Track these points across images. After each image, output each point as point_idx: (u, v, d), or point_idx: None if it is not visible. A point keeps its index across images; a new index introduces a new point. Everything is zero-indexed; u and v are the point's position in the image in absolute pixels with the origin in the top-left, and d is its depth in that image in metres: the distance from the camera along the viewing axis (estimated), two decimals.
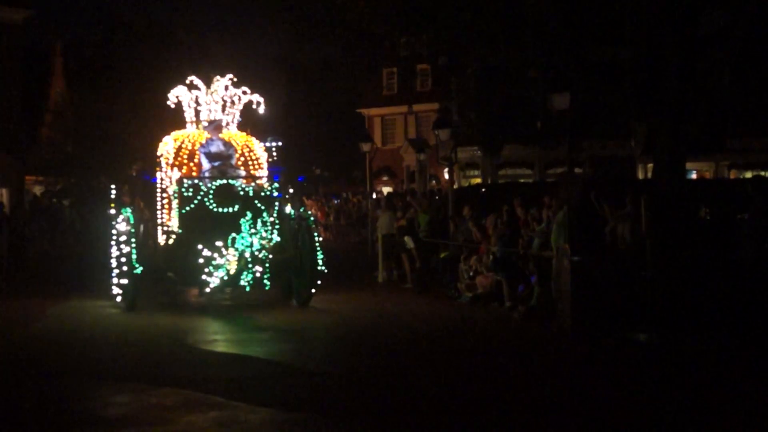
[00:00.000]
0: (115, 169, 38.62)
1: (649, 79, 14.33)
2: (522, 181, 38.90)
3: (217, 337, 13.12)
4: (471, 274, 16.38)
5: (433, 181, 45.66)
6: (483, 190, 28.90)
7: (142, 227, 16.32)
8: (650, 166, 25.63)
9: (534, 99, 33.55)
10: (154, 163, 16.89)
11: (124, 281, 15.04)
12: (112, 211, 15.51)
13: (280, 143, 17.99)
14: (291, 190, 17.77)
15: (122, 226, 15.10)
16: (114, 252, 15.17)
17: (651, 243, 12.45)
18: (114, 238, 15.14)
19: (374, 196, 29.34)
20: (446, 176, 30.45)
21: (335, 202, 39.77)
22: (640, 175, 37.13)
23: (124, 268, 14.98)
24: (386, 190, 43.68)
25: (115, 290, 15.23)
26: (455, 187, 27.17)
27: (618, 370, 10.61)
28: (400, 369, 10.61)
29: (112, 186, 17.16)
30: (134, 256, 15.03)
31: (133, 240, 15.06)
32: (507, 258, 15.23)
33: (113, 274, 15.23)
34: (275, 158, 17.18)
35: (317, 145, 50.87)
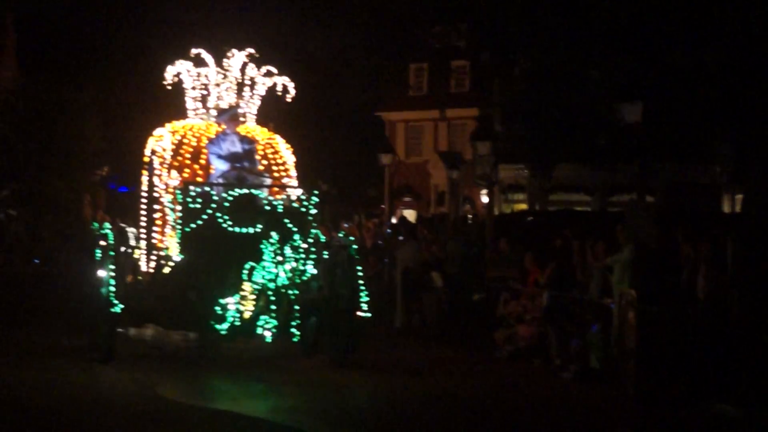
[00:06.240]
0: (76, 174, 38.72)
1: (741, 89, 14.32)
2: (578, 209, 38.85)
3: (202, 395, 13.04)
4: (512, 321, 16.33)
5: (468, 205, 45.63)
6: (530, 218, 28.87)
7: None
8: (739, 197, 25.57)
9: (597, 109, 33.55)
10: (125, 168, 16.66)
11: (98, 323, 14.48)
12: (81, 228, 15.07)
13: None
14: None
15: (96, 249, 14.58)
16: (84, 283, 14.85)
17: (738, 292, 12.39)
18: (83, 264, 14.85)
19: (394, 220, 29.34)
20: (484, 200, 30.49)
21: (344, 226, 39.78)
22: (726, 208, 37.02)
23: (98, 305, 14.42)
24: (409, 213, 43.71)
25: (84, 333, 14.86)
26: (495, 213, 27.16)
27: None
28: None
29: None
30: (112, 290, 14.27)
31: (111, 267, 14.36)
32: (556, 304, 15.15)
33: (82, 313, 14.95)
34: None
35: (324, 155, 50.80)
